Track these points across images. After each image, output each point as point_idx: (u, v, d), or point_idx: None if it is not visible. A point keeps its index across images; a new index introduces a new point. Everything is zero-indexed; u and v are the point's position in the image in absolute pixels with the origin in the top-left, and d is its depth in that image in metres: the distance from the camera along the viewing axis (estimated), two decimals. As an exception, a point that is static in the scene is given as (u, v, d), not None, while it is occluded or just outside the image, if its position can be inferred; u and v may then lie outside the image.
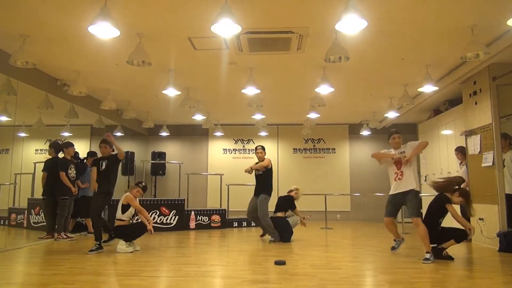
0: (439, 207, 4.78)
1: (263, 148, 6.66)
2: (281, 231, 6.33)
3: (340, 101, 8.18)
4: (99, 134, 10.11)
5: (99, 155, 5.95)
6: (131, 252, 5.13)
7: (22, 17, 4.39)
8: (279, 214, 6.58)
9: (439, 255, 4.66)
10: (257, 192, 6.47)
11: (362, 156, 10.92)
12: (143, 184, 5.67)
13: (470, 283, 3.65)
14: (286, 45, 5.15)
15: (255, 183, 6.58)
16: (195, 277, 3.82)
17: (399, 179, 4.89)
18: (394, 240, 5.24)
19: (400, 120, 9.72)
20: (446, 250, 4.71)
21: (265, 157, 6.60)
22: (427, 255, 4.53)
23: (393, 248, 5.22)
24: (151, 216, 7.71)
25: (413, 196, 4.80)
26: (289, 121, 10.73)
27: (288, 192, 6.93)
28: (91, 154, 7.53)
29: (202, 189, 10.77)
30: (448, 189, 4.82)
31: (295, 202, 6.77)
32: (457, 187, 4.84)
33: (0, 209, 8.55)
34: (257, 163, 6.58)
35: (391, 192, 5.00)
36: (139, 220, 5.41)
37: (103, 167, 5.40)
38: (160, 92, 6.72)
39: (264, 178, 6.47)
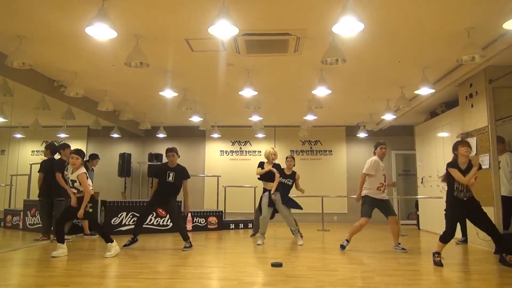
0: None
1: (293, 158, 6.54)
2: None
3: (337, 103, 8.20)
4: (96, 135, 10.10)
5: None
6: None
7: (19, 18, 4.37)
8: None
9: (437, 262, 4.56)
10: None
11: (359, 158, 10.93)
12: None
13: (466, 285, 3.67)
14: (284, 47, 5.16)
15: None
16: (192, 279, 3.82)
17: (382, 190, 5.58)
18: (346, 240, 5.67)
19: (397, 122, 9.76)
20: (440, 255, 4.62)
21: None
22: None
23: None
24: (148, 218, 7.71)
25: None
26: (286, 123, 10.75)
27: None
28: (92, 156, 7.51)
29: (199, 190, 10.75)
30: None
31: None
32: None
33: (-4, 211, 8.51)
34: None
35: (375, 196, 5.53)
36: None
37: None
38: (158, 94, 6.72)
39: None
